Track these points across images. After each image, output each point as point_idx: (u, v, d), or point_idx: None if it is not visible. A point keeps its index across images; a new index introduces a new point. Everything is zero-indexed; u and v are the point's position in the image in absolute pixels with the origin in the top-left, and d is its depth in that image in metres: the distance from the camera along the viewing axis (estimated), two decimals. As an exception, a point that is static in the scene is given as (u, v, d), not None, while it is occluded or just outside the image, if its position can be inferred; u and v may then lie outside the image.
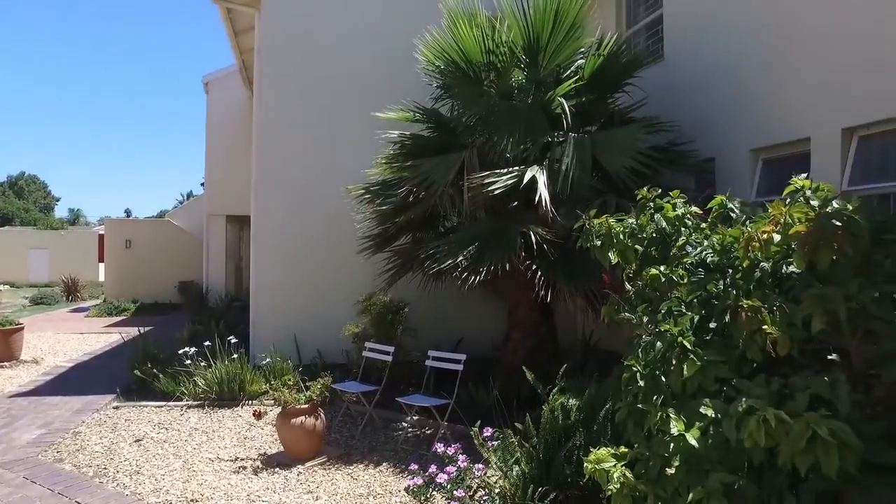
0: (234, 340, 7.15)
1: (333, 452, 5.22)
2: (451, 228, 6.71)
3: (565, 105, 6.05)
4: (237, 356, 6.90)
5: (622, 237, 3.25)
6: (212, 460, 5.09)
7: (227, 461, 5.07)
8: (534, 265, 5.59)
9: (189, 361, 6.95)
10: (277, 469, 4.88)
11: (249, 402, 6.73)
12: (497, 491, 3.64)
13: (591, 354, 6.99)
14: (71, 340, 11.30)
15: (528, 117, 6.05)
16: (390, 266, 6.99)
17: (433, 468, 3.86)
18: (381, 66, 8.45)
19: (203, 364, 6.94)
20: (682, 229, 3.20)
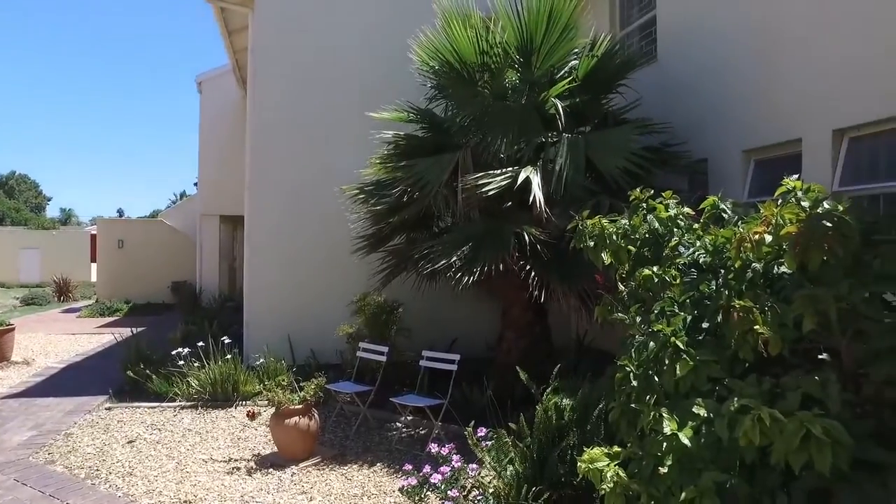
0: (227, 341, 7.14)
1: (327, 453, 5.22)
2: (445, 229, 6.71)
3: (559, 106, 6.06)
4: (231, 357, 6.89)
5: (615, 238, 3.26)
6: (205, 461, 5.08)
7: (220, 462, 5.06)
8: (528, 265, 5.60)
9: (182, 362, 6.93)
10: (271, 470, 4.87)
11: (243, 403, 6.71)
12: (491, 491, 3.65)
13: (584, 354, 7.01)
14: (63, 341, 11.23)
15: (522, 118, 6.06)
16: (384, 266, 6.98)
17: (427, 468, 3.86)
18: (376, 66, 8.45)
19: (196, 365, 6.92)
20: (675, 230, 3.22)
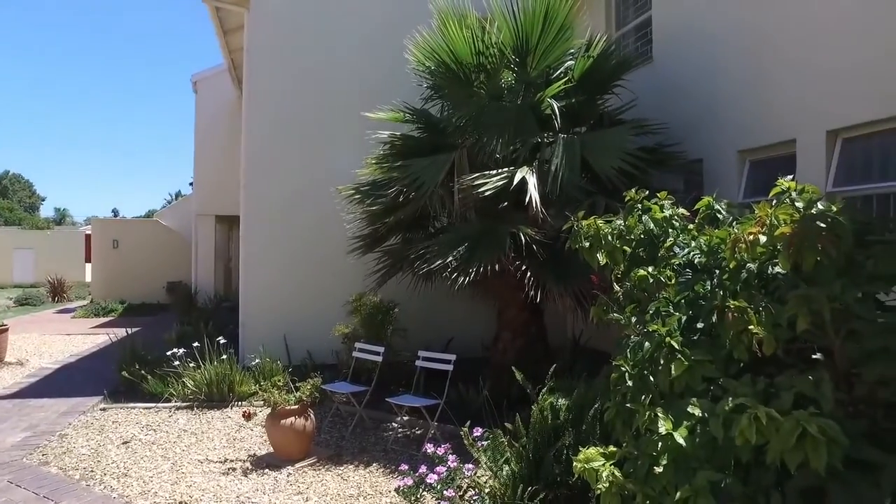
0: (223, 341, 7.12)
1: (323, 453, 5.21)
2: (441, 229, 6.71)
3: (555, 106, 6.08)
4: (226, 357, 6.87)
5: (610, 238, 3.27)
6: (201, 462, 5.06)
7: (216, 463, 5.05)
8: (523, 266, 5.61)
9: (178, 362, 6.91)
10: (267, 470, 4.87)
11: (239, 404, 6.70)
12: (487, 491, 3.65)
13: (580, 354, 7.02)
14: (57, 342, 11.18)
15: (518, 118, 6.07)
16: (380, 266, 6.98)
17: (423, 468, 3.87)
18: (373, 66, 8.45)
19: (192, 365, 6.90)
20: (670, 230, 3.23)
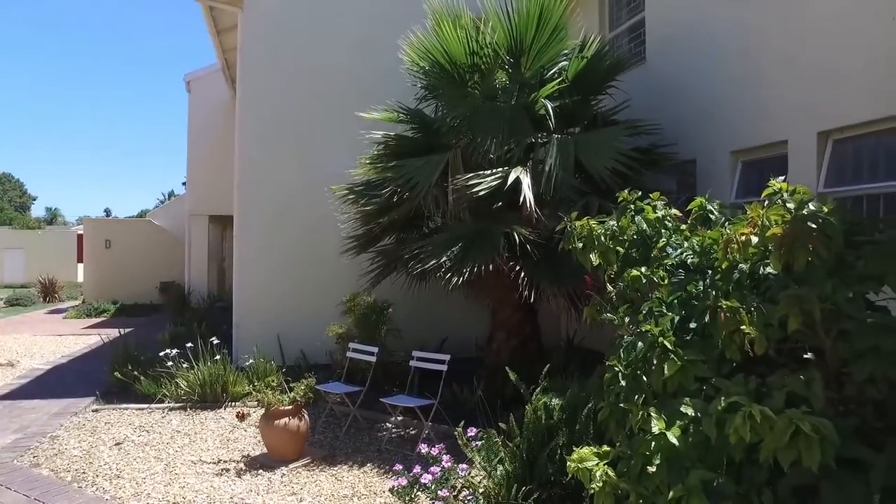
0: (216, 342, 7.09)
1: (317, 454, 5.20)
2: (435, 229, 6.71)
3: (549, 107, 6.09)
4: (220, 357, 6.84)
5: (604, 239, 3.29)
6: (194, 463, 5.04)
7: (209, 463, 5.03)
8: (518, 266, 5.62)
9: (171, 363, 6.88)
10: (261, 471, 4.85)
11: (232, 404, 6.68)
12: (481, 491, 3.66)
13: (574, 354, 7.04)
14: (48, 342, 11.09)
15: (512, 118, 6.08)
16: (374, 266, 6.98)
17: (417, 468, 3.87)
18: (366, 66, 8.44)
19: (185, 366, 6.87)
20: (663, 231, 3.25)
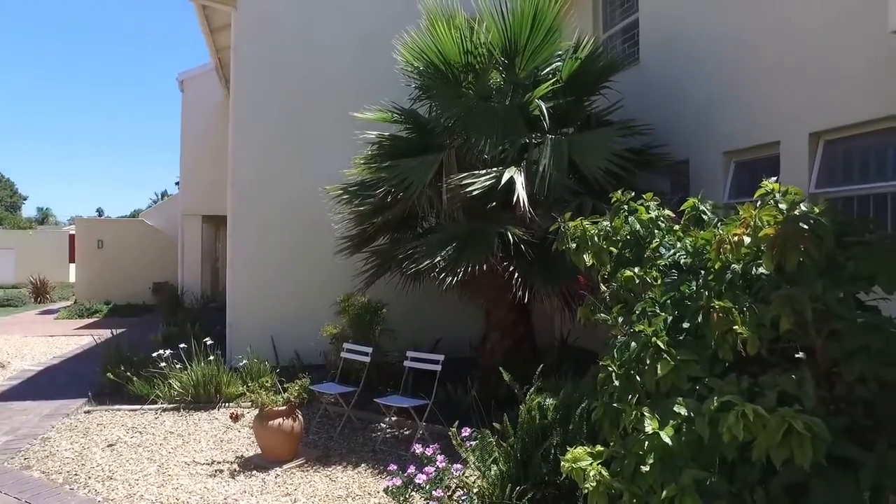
0: (210, 342, 7.06)
1: (311, 454, 5.20)
2: (429, 229, 6.72)
3: (543, 107, 6.10)
4: (213, 358, 6.82)
5: (597, 240, 3.29)
6: (187, 464, 5.02)
7: (203, 464, 5.01)
8: (511, 266, 5.63)
9: (164, 364, 6.84)
10: (255, 472, 4.84)
11: (226, 405, 6.65)
12: (475, 491, 3.66)
13: (567, 354, 7.06)
14: (40, 343, 11.02)
15: (506, 119, 6.09)
16: (368, 266, 6.97)
17: (412, 469, 3.87)
18: (361, 65, 8.43)
19: (178, 366, 6.84)
20: (656, 231, 3.26)
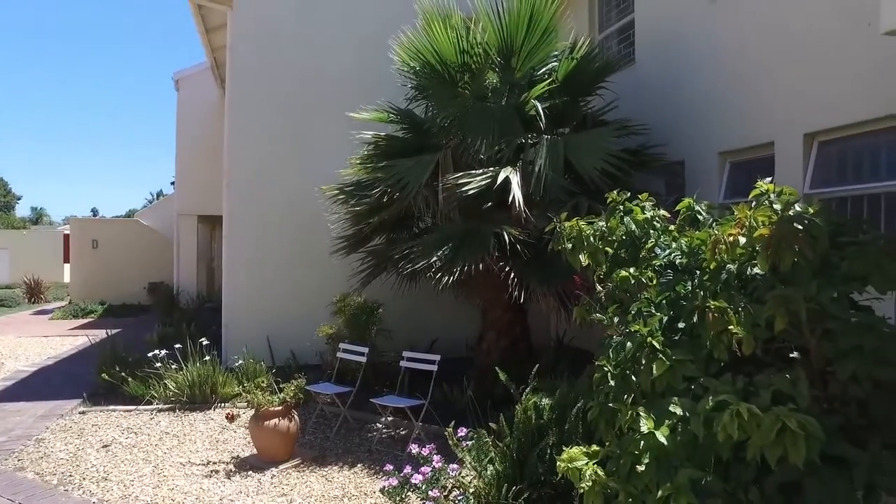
0: (206, 342, 7.04)
1: (307, 454, 5.19)
2: (425, 229, 6.72)
3: (539, 107, 6.11)
4: (209, 358, 6.80)
5: (593, 240, 3.30)
6: (183, 464, 5.01)
7: (198, 465, 5.00)
8: (507, 266, 5.64)
9: (159, 364, 6.82)
10: (251, 472, 4.83)
11: (222, 405, 6.64)
12: (472, 490, 3.66)
13: (563, 354, 7.07)
14: (34, 344, 10.96)
15: (502, 119, 6.09)
16: (364, 267, 6.96)
17: (408, 469, 3.87)
18: (357, 65, 8.42)
19: (174, 367, 6.82)
20: (651, 232, 3.27)
